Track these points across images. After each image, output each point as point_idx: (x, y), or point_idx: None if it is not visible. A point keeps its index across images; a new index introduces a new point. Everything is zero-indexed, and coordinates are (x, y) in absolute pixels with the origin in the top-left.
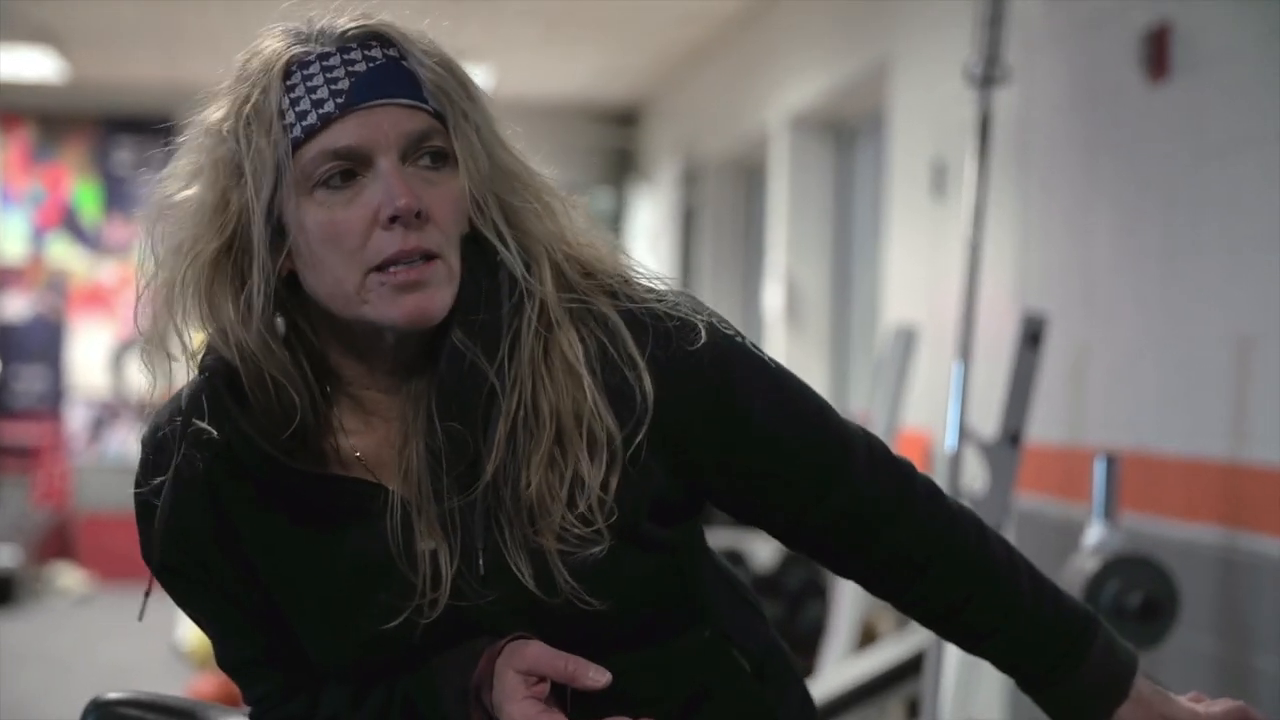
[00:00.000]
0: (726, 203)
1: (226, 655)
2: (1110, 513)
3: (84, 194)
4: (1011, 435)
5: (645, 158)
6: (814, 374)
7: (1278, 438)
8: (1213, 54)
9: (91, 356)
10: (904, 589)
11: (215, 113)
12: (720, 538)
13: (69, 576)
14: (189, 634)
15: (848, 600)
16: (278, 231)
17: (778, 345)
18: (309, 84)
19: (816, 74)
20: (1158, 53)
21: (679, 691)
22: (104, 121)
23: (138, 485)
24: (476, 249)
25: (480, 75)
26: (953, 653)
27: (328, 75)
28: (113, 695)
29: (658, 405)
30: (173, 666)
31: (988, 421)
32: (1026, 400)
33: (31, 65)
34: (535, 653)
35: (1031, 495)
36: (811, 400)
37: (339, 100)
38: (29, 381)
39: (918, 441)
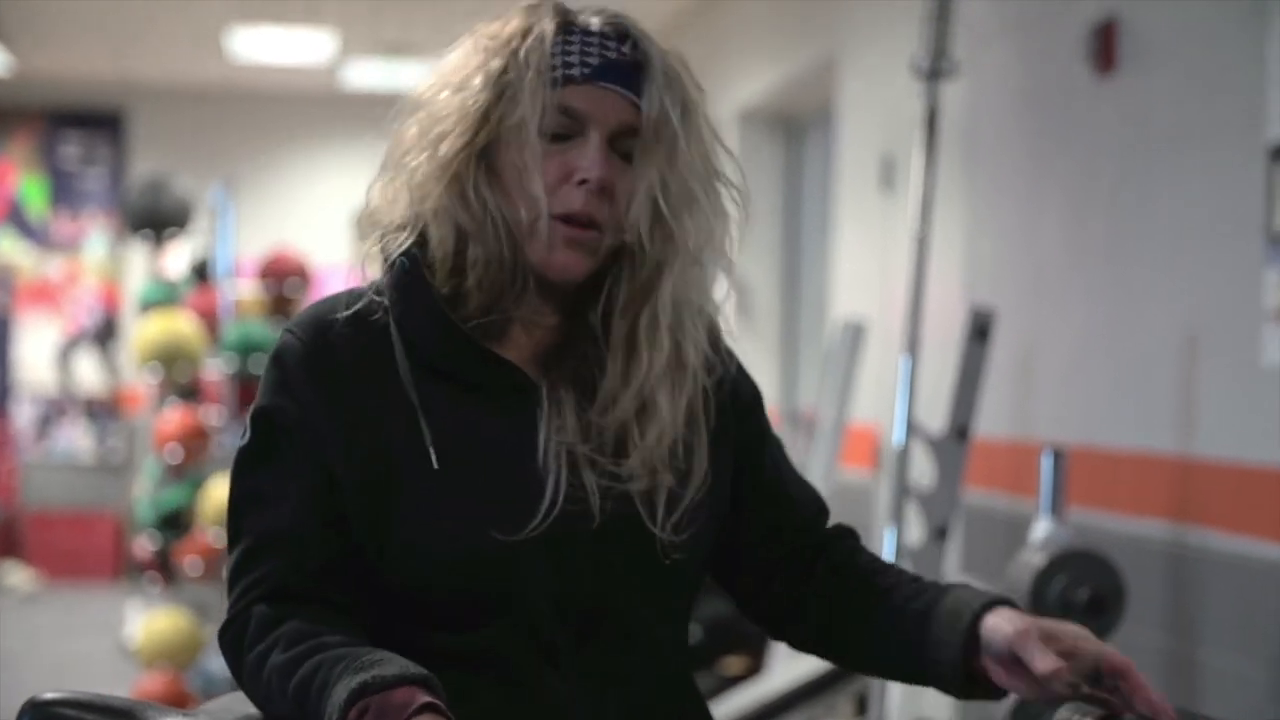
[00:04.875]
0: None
1: (264, 522)
2: (1057, 507)
3: (30, 189)
4: (959, 430)
5: None
6: (763, 369)
7: (1225, 432)
8: (1159, 48)
9: (39, 353)
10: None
11: (501, 27)
12: None
13: (16, 574)
14: (137, 632)
15: None
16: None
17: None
18: (569, 47)
19: (765, 69)
20: (1105, 47)
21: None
22: (50, 115)
23: (289, 329)
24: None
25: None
26: None
27: (585, 50)
28: (49, 695)
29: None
30: (119, 665)
31: (936, 416)
32: (974, 394)
33: None
34: None
35: (980, 490)
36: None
37: (585, 70)
38: None
39: (865, 436)
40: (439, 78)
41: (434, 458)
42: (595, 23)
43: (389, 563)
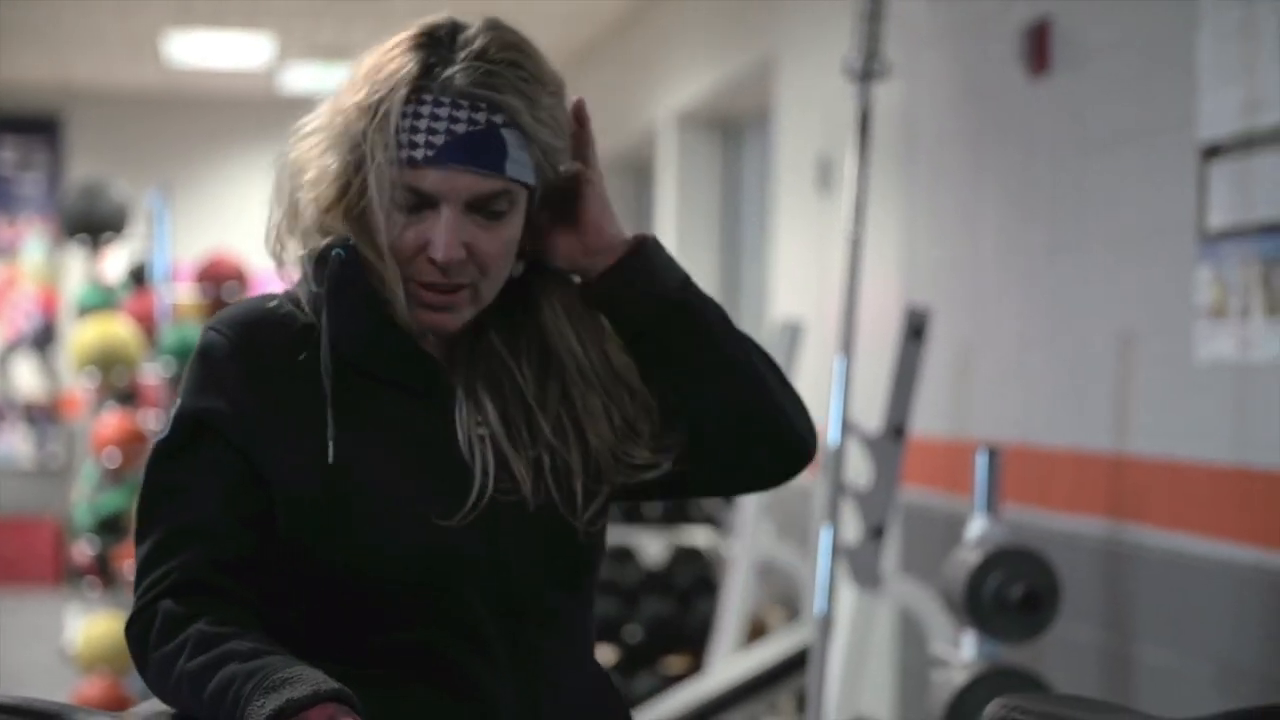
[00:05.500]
0: (615, 200)
1: (177, 517)
2: (992, 505)
3: None
4: (895, 428)
5: None
6: None
7: (1159, 429)
8: (1092, 49)
9: None
10: None
11: (351, 96)
12: (610, 535)
13: None
14: (76, 638)
15: (736, 596)
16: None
17: None
18: (416, 123)
19: (702, 71)
20: (1038, 48)
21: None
22: None
23: (213, 328)
24: None
25: None
26: (838, 647)
27: (432, 124)
28: None
29: None
30: (59, 671)
31: (874, 416)
32: (910, 393)
33: None
34: None
35: (917, 488)
36: None
37: (429, 153)
38: None
39: None
40: (331, 105)
41: (331, 452)
42: (456, 79)
43: (320, 559)
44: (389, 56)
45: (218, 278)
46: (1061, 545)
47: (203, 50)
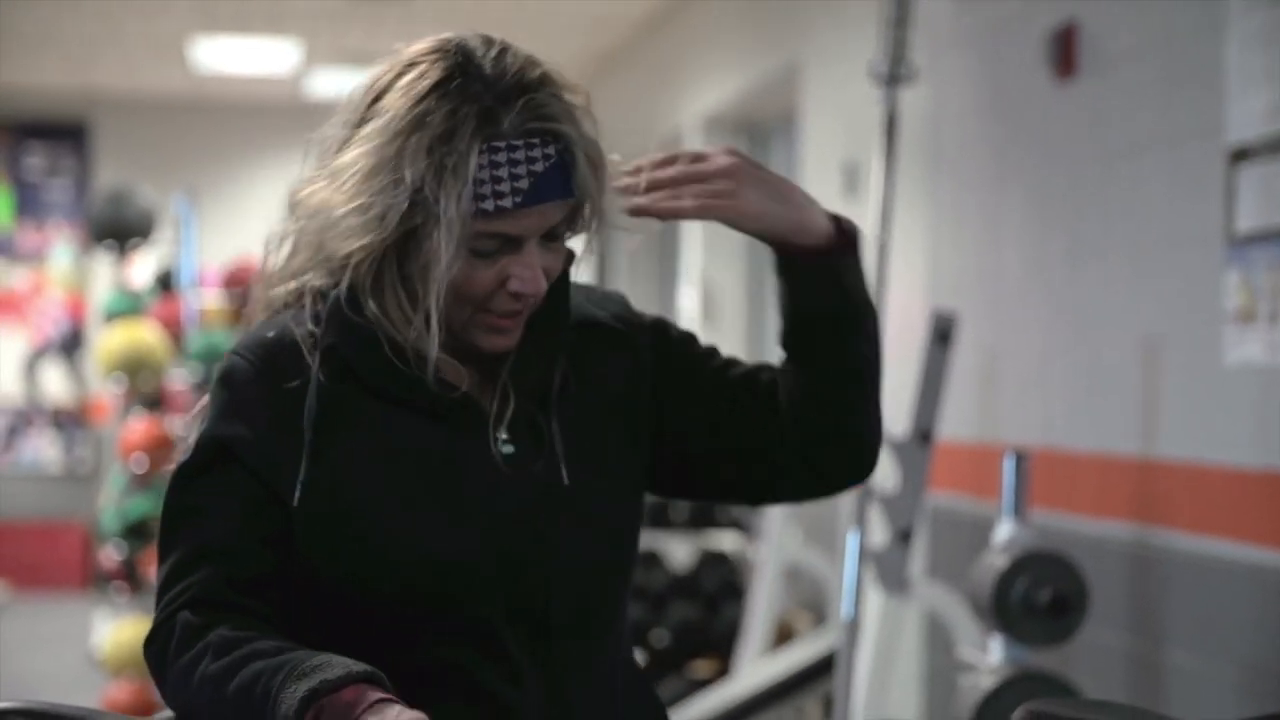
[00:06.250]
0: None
1: (198, 536)
2: (1020, 510)
3: None
4: (922, 433)
5: None
6: None
7: (1187, 433)
8: (1119, 54)
9: (5, 364)
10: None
11: (379, 136)
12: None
13: None
14: (104, 642)
15: (763, 600)
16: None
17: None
18: (496, 172)
19: (728, 76)
20: (1065, 53)
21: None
22: (14, 127)
23: (236, 352)
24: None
25: None
26: (865, 652)
27: (513, 170)
28: (3, 705)
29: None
30: (87, 676)
31: (900, 420)
32: (937, 398)
33: None
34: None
35: (944, 493)
36: None
37: (516, 199)
38: None
39: None
40: (356, 142)
41: (384, 478)
42: (519, 119)
43: (337, 577)
44: (419, 96)
45: (244, 283)
46: (1089, 549)
47: (229, 56)
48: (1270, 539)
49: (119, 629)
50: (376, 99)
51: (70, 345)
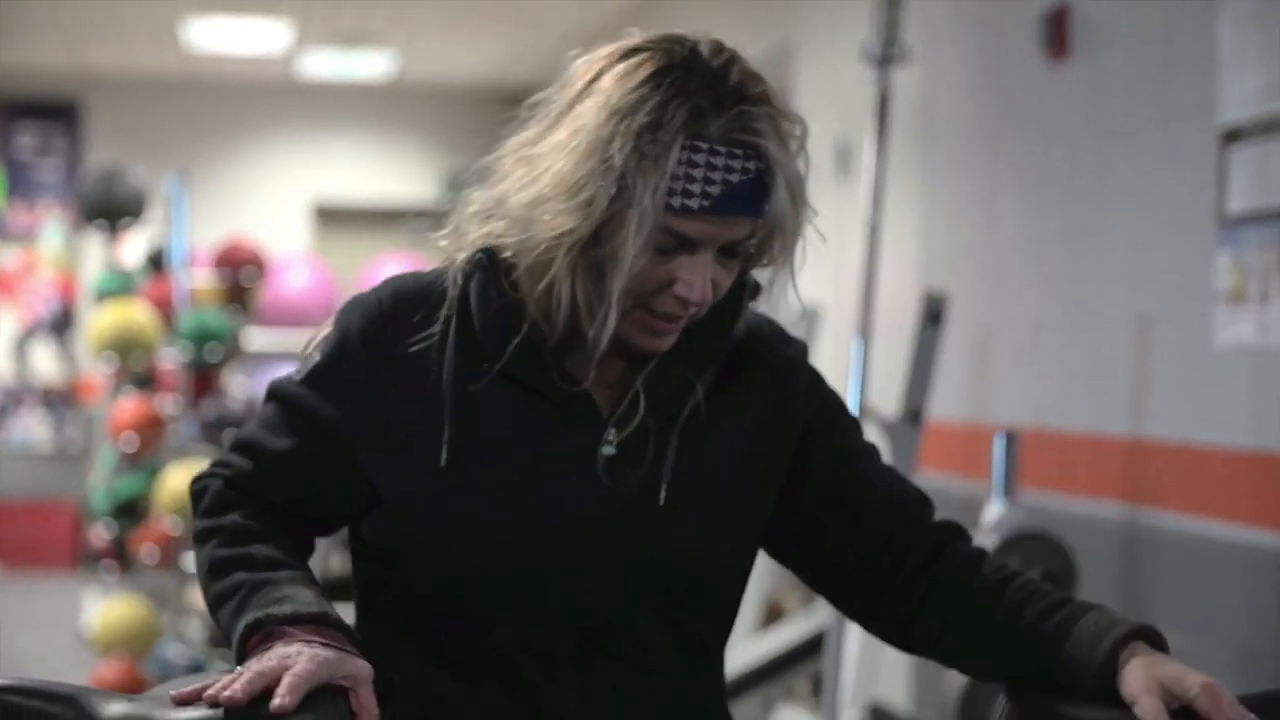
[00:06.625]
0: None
1: (274, 445)
2: (1010, 489)
3: None
4: (913, 413)
5: None
6: None
7: (1178, 415)
8: (1112, 35)
9: None
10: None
11: (594, 117)
12: None
13: None
14: (94, 621)
15: (753, 579)
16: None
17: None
18: (692, 171)
19: None
20: (1058, 33)
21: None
22: (5, 106)
23: (376, 292)
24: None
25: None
26: (855, 632)
27: (708, 174)
28: None
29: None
30: (77, 654)
31: (891, 400)
32: (928, 378)
33: None
34: (360, 673)
35: (935, 472)
36: None
37: (704, 203)
38: None
39: None
40: (568, 118)
41: (444, 456)
42: (727, 126)
43: (406, 551)
44: (636, 83)
45: (235, 262)
46: (1079, 529)
47: (221, 36)
48: (1260, 519)
49: (108, 608)
50: (594, 79)
51: (61, 325)
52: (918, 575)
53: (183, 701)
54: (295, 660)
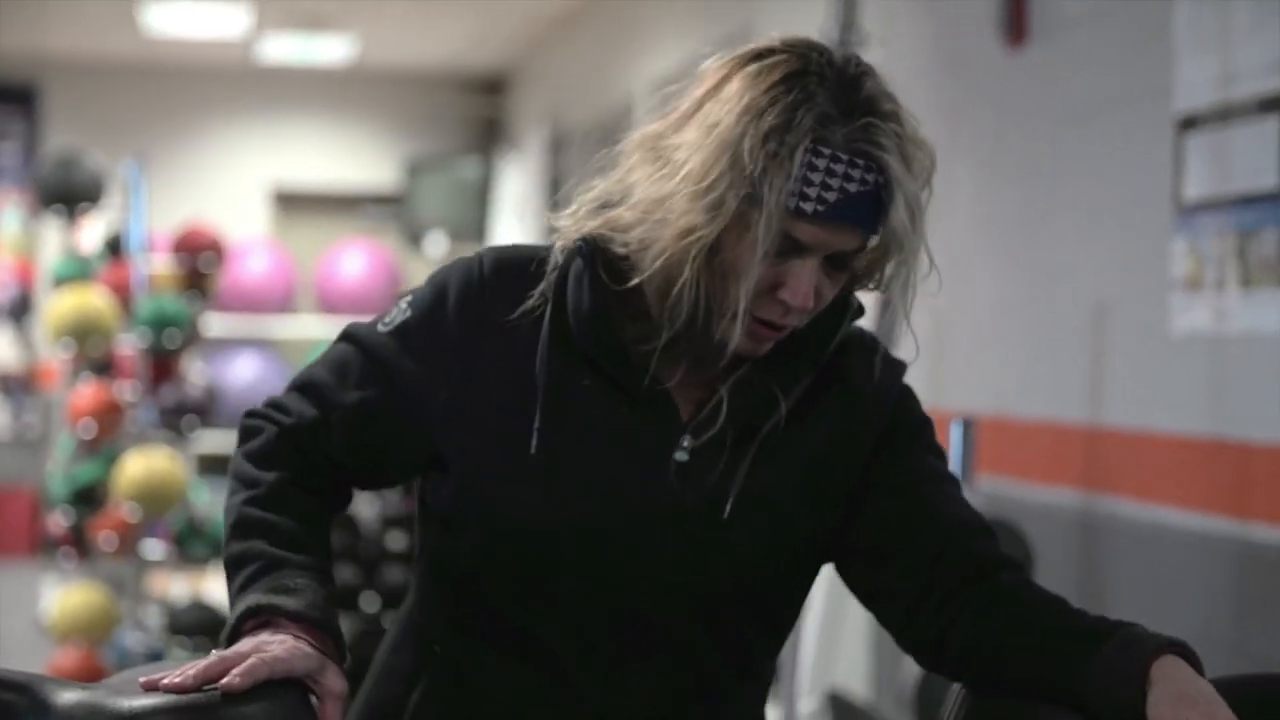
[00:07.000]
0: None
1: (339, 397)
2: (967, 476)
3: None
4: None
5: (513, 126)
6: None
7: (1134, 401)
8: (1070, 19)
9: None
10: None
11: (727, 116)
12: None
13: None
14: (52, 608)
15: None
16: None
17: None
18: (811, 175)
19: (681, 41)
20: (1016, 18)
21: None
22: None
23: (480, 256)
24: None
25: (345, 45)
26: (812, 621)
27: (828, 179)
28: None
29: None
30: (34, 641)
31: None
32: None
33: None
34: (334, 686)
35: None
36: None
37: (818, 208)
38: None
39: None
40: (703, 116)
41: (534, 443)
42: (854, 135)
43: (463, 522)
44: (769, 84)
45: (194, 248)
46: (1036, 516)
47: (180, 19)
48: (1215, 506)
49: (66, 595)
50: (726, 79)
51: (19, 310)
52: (952, 597)
53: (150, 688)
54: (269, 646)
